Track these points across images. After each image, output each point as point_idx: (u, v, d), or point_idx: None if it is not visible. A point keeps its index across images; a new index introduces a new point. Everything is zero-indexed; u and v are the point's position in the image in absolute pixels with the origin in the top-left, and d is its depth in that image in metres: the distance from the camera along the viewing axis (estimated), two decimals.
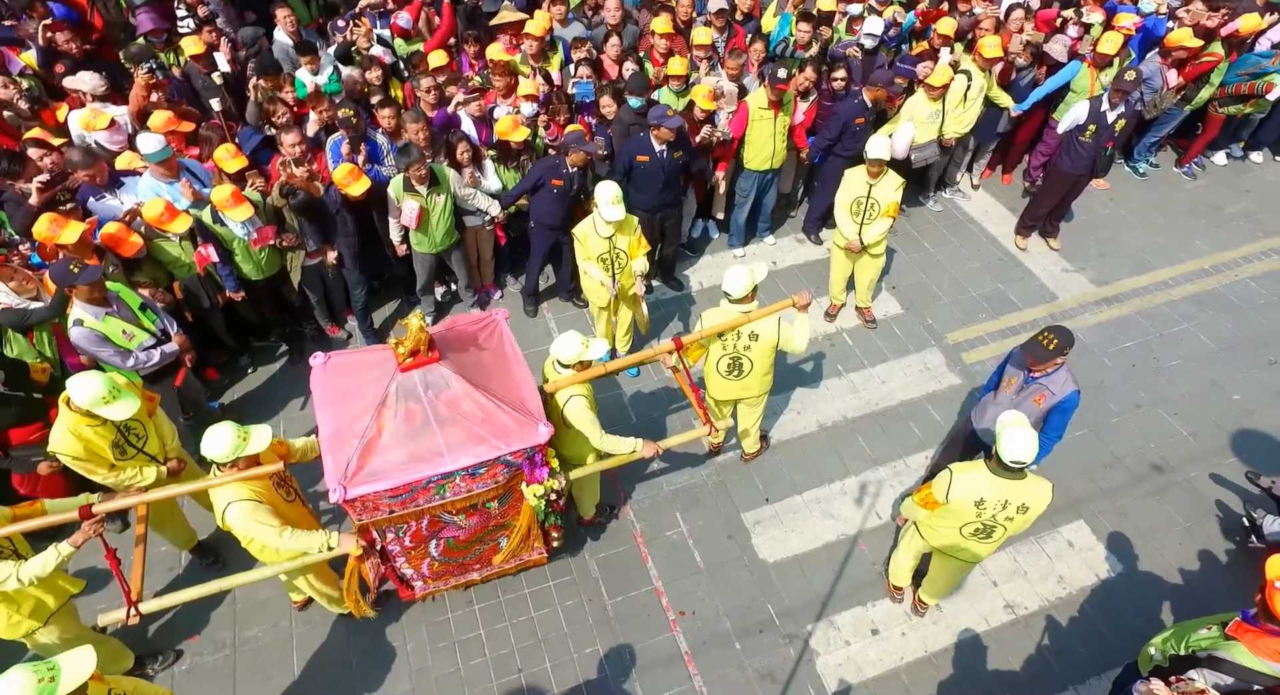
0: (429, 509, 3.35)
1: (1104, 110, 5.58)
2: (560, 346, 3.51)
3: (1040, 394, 3.67)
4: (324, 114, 5.14)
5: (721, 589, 4.30)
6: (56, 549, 3.07)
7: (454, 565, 3.82)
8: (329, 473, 3.11)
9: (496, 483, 3.37)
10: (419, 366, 3.17)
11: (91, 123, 4.83)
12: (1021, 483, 3.23)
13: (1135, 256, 6.50)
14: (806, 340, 4.05)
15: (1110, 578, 4.38)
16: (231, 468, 3.12)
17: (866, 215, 5.06)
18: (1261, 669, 2.84)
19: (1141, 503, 4.73)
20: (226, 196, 4.37)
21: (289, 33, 5.89)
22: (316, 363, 3.50)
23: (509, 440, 3.22)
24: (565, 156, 4.91)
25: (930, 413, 5.23)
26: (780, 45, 6.18)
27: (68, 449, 3.32)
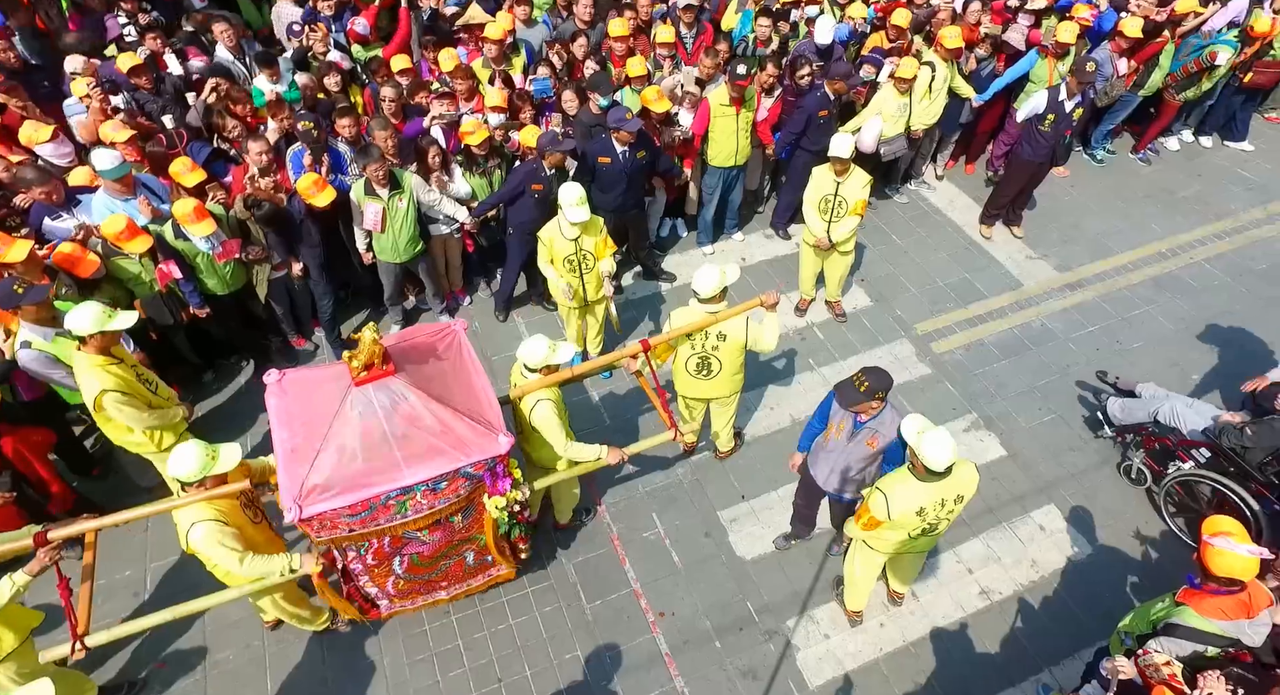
0: (389, 527, 3.28)
1: (1062, 99, 5.68)
2: (526, 350, 3.48)
3: (872, 437, 3.54)
4: (284, 122, 5.04)
5: (700, 588, 4.29)
6: (11, 578, 2.97)
7: (420, 583, 3.76)
8: (284, 491, 3.03)
9: (458, 496, 3.32)
10: (373, 380, 3.10)
11: (32, 137, 4.69)
12: (951, 479, 3.24)
13: (1096, 242, 6.62)
14: (776, 339, 4.05)
15: (1081, 559, 4.46)
16: (197, 487, 3.04)
17: (835, 213, 5.08)
18: (1211, 629, 2.92)
19: (1109, 483, 4.82)
20: (189, 211, 4.26)
21: (229, 47, 5.76)
22: (271, 380, 3.41)
23: (468, 452, 3.17)
24: (543, 159, 4.87)
25: (902, 403, 5.27)
26: (740, 44, 6.19)
27: (111, 386, 3.51)
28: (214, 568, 3.29)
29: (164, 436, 3.91)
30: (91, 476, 4.71)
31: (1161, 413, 4.41)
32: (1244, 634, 2.91)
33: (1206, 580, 2.96)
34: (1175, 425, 4.36)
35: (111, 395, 3.56)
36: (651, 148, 5.27)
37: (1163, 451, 4.53)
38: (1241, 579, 2.88)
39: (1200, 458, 4.25)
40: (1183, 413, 4.31)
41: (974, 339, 5.77)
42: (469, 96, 5.47)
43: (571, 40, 5.92)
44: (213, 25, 5.79)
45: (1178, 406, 4.35)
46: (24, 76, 5.35)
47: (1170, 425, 4.39)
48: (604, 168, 5.11)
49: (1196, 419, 4.27)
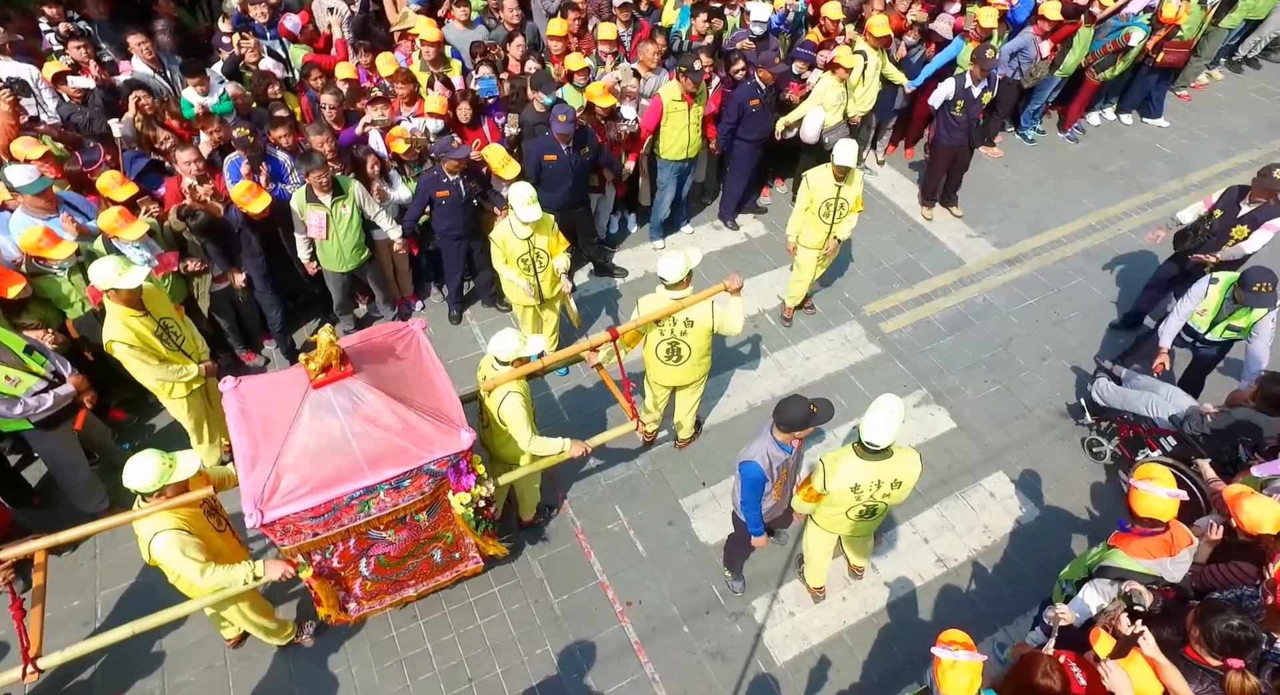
0: (354, 527, 3.27)
1: (968, 86, 5.92)
2: (498, 343, 3.52)
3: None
4: (215, 134, 4.94)
5: (666, 575, 4.35)
6: None
7: (387, 583, 3.74)
8: (245, 497, 3.00)
9: (422, 494, 3.32)
10: (331, 382, 3.10)
11: None
12: (890, 461, 3.35)
13: (1031, 218, 6.88)
14: (741, 322, 4.14)
15: (1029, 522, 4.65)
16: (158, 497, 2.99)
17: (837, 214, 5.05)
18: (1138, 569, 3.12)
19: (1052, 448, 5.03)
20: (114, 217, 4.14)
21: (146, 60, 5.62)
22: (227, 387, 3.38)
23: (431, 449, 3.18)
24: (441, 165, 4.87)
25: (854, 383, 5.42)
26: (675, 39, 6.27)
27: (123, 337, 3.75)
28: (176, 579, 3.23)
29: (175, 387, 4.13)
30: (32, 506, 4.55)
31: (1143, 403, 4.46)
32: (1166, 571, 3.12)
33: (1134, 523, 3.15)
34: (1150, 415, 4.42)
35: (120, 345, 3.79)
36: (594, 144, 5.31)
37: (1135, 439, 4.64)
38: (1162, 519, 3.08)
39: (1167, 446, 4.39)
40: (1160, 404, 4.38)
41: (921, 317, 5.95)
42: (410, 101, 5.43)
43: (509, 41, 5.93)
44: (128, 37, 5.62)
45: (1156, 399, 4.41)
46: None
47: (1146, 415, 4.45)
48: (549, 165, 5.13)
49: (1170, 409, 4.34)
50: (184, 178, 4.60)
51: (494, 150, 5.02)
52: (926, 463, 3.93)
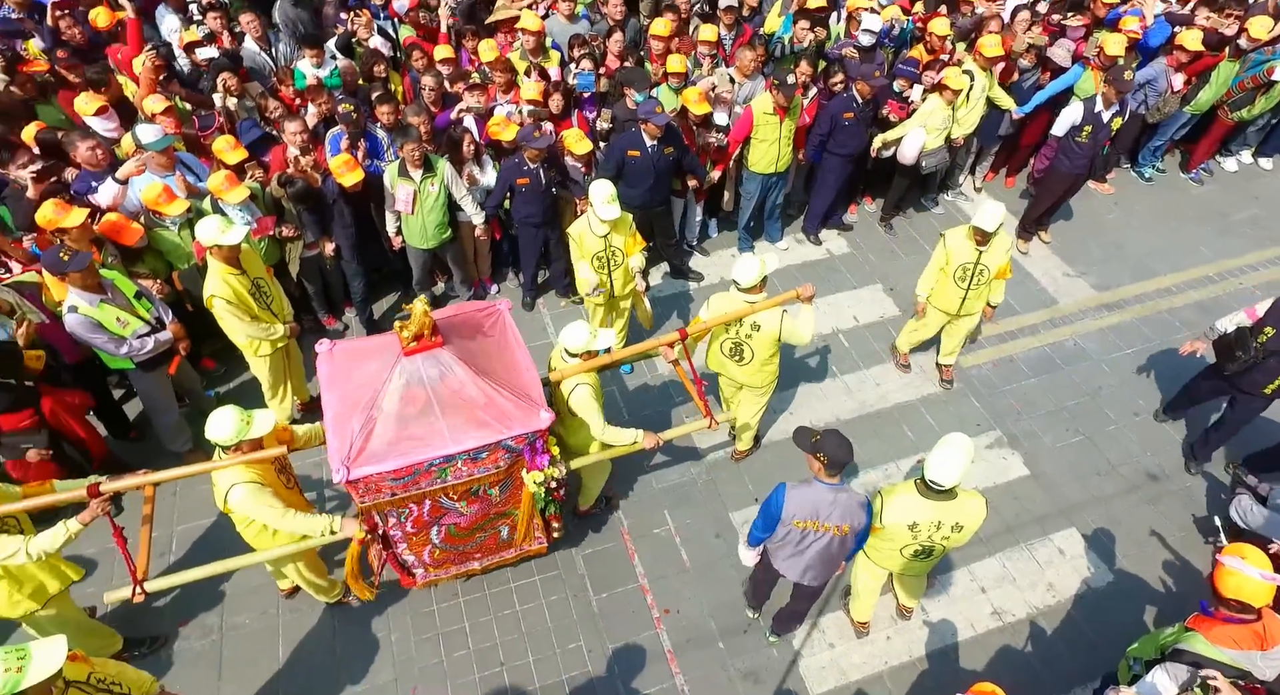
0: (430, 492, 3.38)
1: (1098, 110, 5.53)
2: (568, 336, 3.55)
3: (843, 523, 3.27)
4: (323, 107, 5.17)
5: (707, 588, 4.29)
6: (65, 525, 3.09)
7: (455, 553, 3.86)
8: (333, 454, 3.13)
9: (497, 468, 3.40)
10: (422, 351, 3.20)
11: (83, 108, 4.87)
12: (953, 503, 3.18)
13: (1139, 262, 6.43)
14: (810, 333, 4.04)
15: (1101, 586, 4.35)
16: (235, 451, 3.15)
17: (975, 280, 4.63)
18: (1220, 657, 2.84)
19: (1135, 511, 4.69)
20: (221, 180, 4.41)
21: (254, 38, 5.89)
22: (323, 349, 3.55)
23: (510, 425, 3.25)
24: (523, 153, 4.92)
25: (924, 416, 5.20)
26: (776, 45, 6.15)
27: (222, 293, 4.00)
28: (247, 528, 3.41)
29: (261, 345, 4.36)
30: (129, 439, 4.90)
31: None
32: (1255, 666, 2.82)
33: (1218, 605, 2.89)
34: None
35: (219, 300, 4.03)
36: (680, 145, 5.27)
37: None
38: (1252, 604, 2.80)
39: None
40: None
41: (1003, 355, 5.65)
42: (506, 89, 5.52)
43: (608, 36, 5.95)
44: (240, 16, 5.90)
45: None
46: (84, 53, 5.56)
47: None
48: (633, 161, 5.13)
49: None
50: (289, 147, 4.84)
51: (571, 130, 5.09)
52: (993, 508, 3.72)
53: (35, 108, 5.14)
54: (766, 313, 3.94)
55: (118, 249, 4.35)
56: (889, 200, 6.56)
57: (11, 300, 4.01)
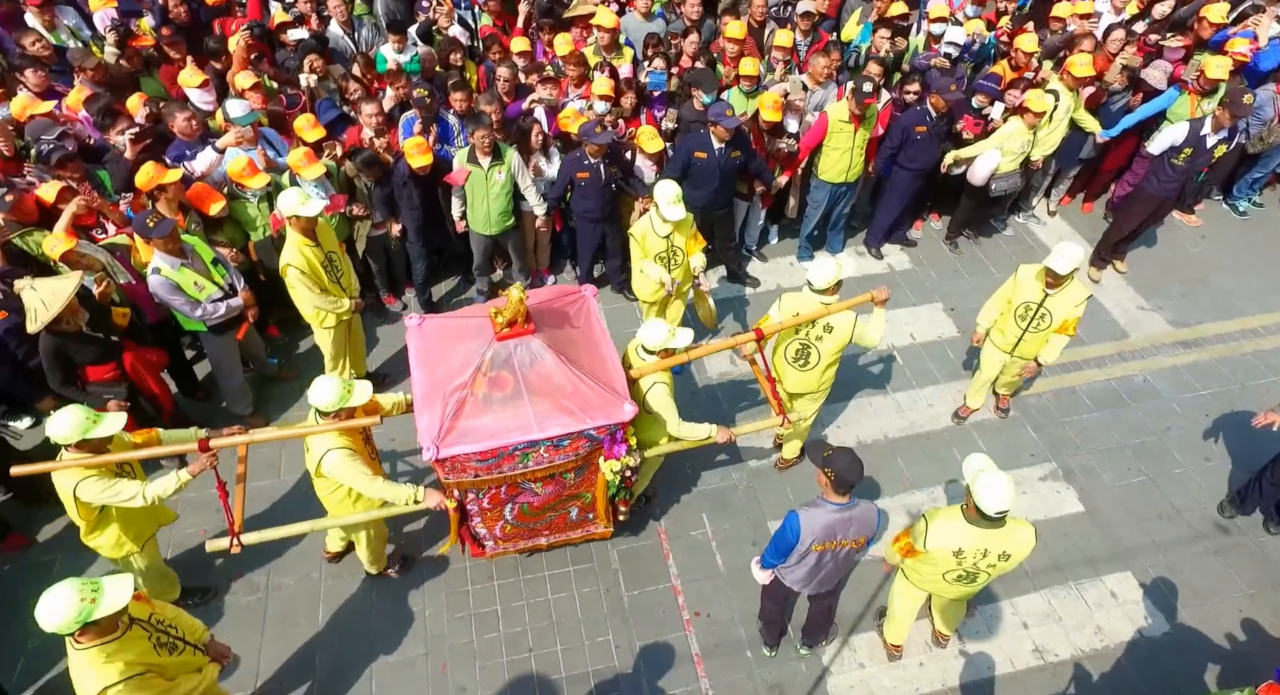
0: (510, 476, 3.46)
1: (1204, 133, 5.25)
2: (647, 333, 3.59)
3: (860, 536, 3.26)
4: (400, 91, 5.31)
5: (740, 594, 4.25)
6: (177, 474, 3.27)
7: (525, 530, 3.96)
8: (422, 431, 3.24)
9: (577, 455, 3.48)
10: (515, 337, 3.28)
11: (187, 80, 5.13)
12: (1002, 531, 3.07)
13: (1224, 300, 6.09)
14: (881, 335, 4.01)
15: (1155, 635, 4.14)
16: (333, 417, 3.27)
17: (1034, 324, 4.37)
18: None
19: (1200, 561, 4.45)
20: (301, 156, 4.60)
21: (340, 22, 6.08)
22: (412, 323, 3.65)
23: (595, 415, 3.32)
24: (584, 148, 4.96)
25: (976, 441, 5.05)
26: (853, 54, 6.04)
27: (297, 263, 4.17)
28: (331, 494, 3.57)
29: (327, 317, 4.51)
30: (196, 398, 5.14)
31: None
32: None
33: None
34: None
35: (294, 270, 4.17)
36: (747, 149, 5.23)
37: None
38: None
39: None
40: None
41: (1065, 385, 5.43)
42: (579, 83, 5.58)
43: (683, 36, 5.95)
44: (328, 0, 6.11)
45: None
46: (189, 30, 5.85)
47: None
48: (699, 163, 5.12)
49: None
50: (364, 128, 4.99)
51: (645, 128, 5.12)
52: (1042, 542, 3.59)
53: (140, 80, 5.43)
54: (840, 315, 3.94)
55: (200, 217, 4.57)
56: (956, 218, 6.38)
57: (104, 260, 4.25)
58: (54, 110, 4.91)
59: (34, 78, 5.09)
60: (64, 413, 3.04)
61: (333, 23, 6.13)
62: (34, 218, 4.30)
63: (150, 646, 2.71)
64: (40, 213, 4.31)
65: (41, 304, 3.68)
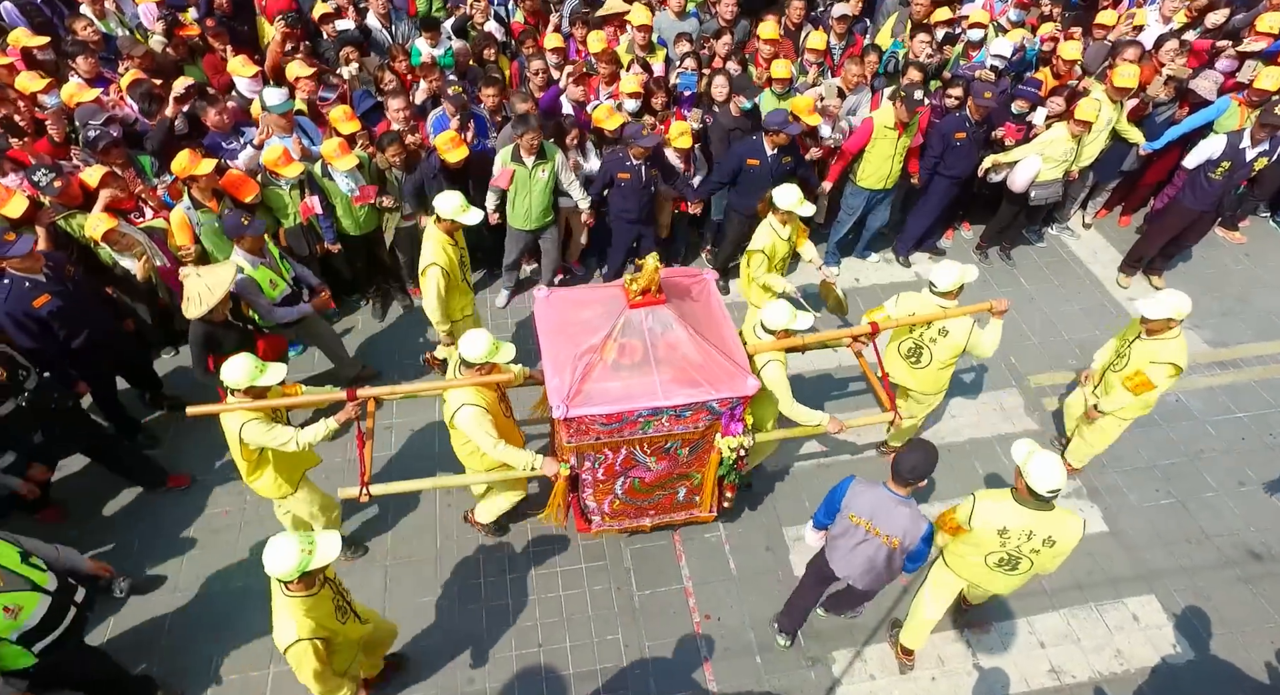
0: (630, 441, 3.55)
1: (1243, 146, 5.10)
2: (769, 312, 3.66)
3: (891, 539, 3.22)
4: (434, 83, 5.37)
5: (751, 599, 4.23)
6: (325, 422, 3.46)
7: (633, 507, 4.05)
8: (553, 392, 3.36)
9: (696, 428, 3.55)
10: (647, 305, 3.39)
11: (238, 69, 5.25)
12: (1050, 514, 3.08)
13: (1266, 320, 5.91)
14: (995, 346, 4.03)
15: (1179, 663, 4.03)
16: (475, 371, 3.41)
17: (1114, 366, 4.21)
18: None
19: (1229, 588, 4.32)
20: (334, 147, 4.68)
21: (379, 14, 6.15)
22: (540, 295, 3.78)
23: (719, 387, 3.40)
24: (628, 149, 4.95)
25: (998, 454, 4.96)
26: (890, 60, 5.96)
27: (441, 261, 4.24)
28: (463, 446, 3.73)
29: (454, 313, 4.62)
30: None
31: None
32: None
33: None
34: None
35: (437, 269, 4.26)
36: (797, 154, 5.22)
37: None
38: None
39: None
40: None
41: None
42: (610, 81, 5.59)
43: (716, 37, 5.92)
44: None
45: None
46: (228, 22, 5.98)
47: None
48: (751, 169, 5.09)
49: None
50: (392, 123, 5.05)
51: (679, 123, 5.11)
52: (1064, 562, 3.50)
53: (184, 68, 5.56)
54: (957, 320, 3.96)
55: (234, 202, 4.67)
56: (991, 227, 6.27)
57: (142, 242, 4.37)
58: (101, 96, 5.05)
59: (84, 64, 5.24)
60: (236, 360, 3.27)
61: (370, 15, 6.21)
62: (79, 201, 4.44)
63: (332, 609, 2.93)
64: (84, 196, 4.44)
65: (205, 290, 3.88)
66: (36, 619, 2.96)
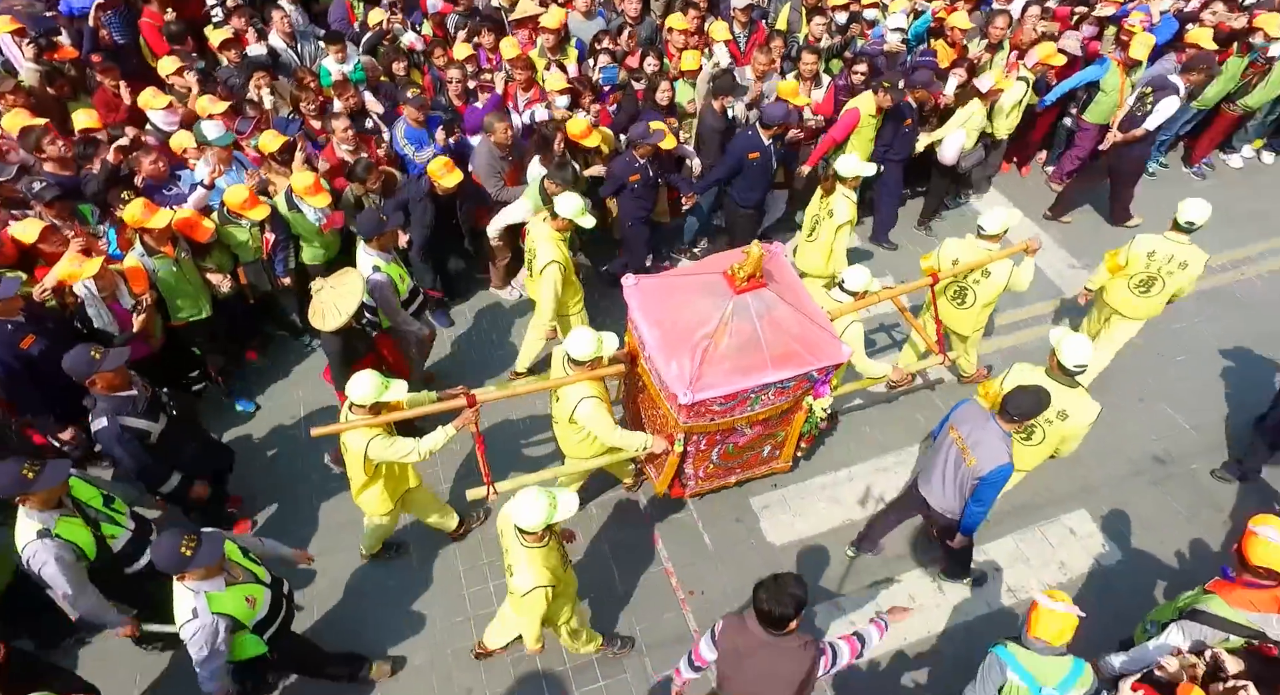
0: (737, 420, 3.77)
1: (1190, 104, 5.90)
2: (851, 276, 4.13)
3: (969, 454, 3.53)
4: (349, 101, 5.26)
5: (729, 570, 4.42)
6: (444, 429, 3.54)
7: (723, 468, 4.29)
8: (673, 380, 3.52)
9: (794, 397, 3.81)
10: (752, 289, 3.60)
11: (150, 102, 5.00)
12: (1071, 391, 3.66)
13: None
14: (1029, 281, 4.52)
15: (1110, 565, 4.49)
16: (586, 367, 3.61)
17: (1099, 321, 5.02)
18: (1239, 619, 3.00)
19: (1143, 493, 4.83)
20: (310, 183, 4.57)
21: (283, 34, 5.96)
22: (629, 283, 3.91)
23: (820, 356, 3.64)
24: (634, 151, 5.05)
25: (934, 401, 5.34)
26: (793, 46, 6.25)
27: (560, 258, 4.39)
28: (573, 435, 3.88)
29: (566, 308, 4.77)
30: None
31: None
32: (1271, 628, 2.98)
33: (1242, 572, 3.05)
34: None
35: (557, 266, 4.39)
36: (784, 139, 5.47)
37: None
38: (1277, 570, 2.96)
39: None
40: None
41: (1012, 344, 5.79)
42: (527, 86, 5.62)
43: (618, 33, 6.05)
44: (272, 11, 5.99)
45: None
46: (115, 55, 5.65)
47: None
48: (753, 163, 5.20)
49: None
50: (339, 144, 4.94)
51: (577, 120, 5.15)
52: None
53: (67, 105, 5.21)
54: (999, 263, 4.40)
55: (188, 243, 4.46)
56: (929, 202, 6.67)
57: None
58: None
59: None
60: (362, 377, 3.35)
61: (273, 35, 5.98)
62: (12, 260, 4.14)
63: (559, 560, 3.19)
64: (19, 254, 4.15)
65: (339, 299, 3.85)
66: (267, 609, 3.13)
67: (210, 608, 2.87)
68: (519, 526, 2.91)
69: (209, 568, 2.84)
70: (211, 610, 2.87)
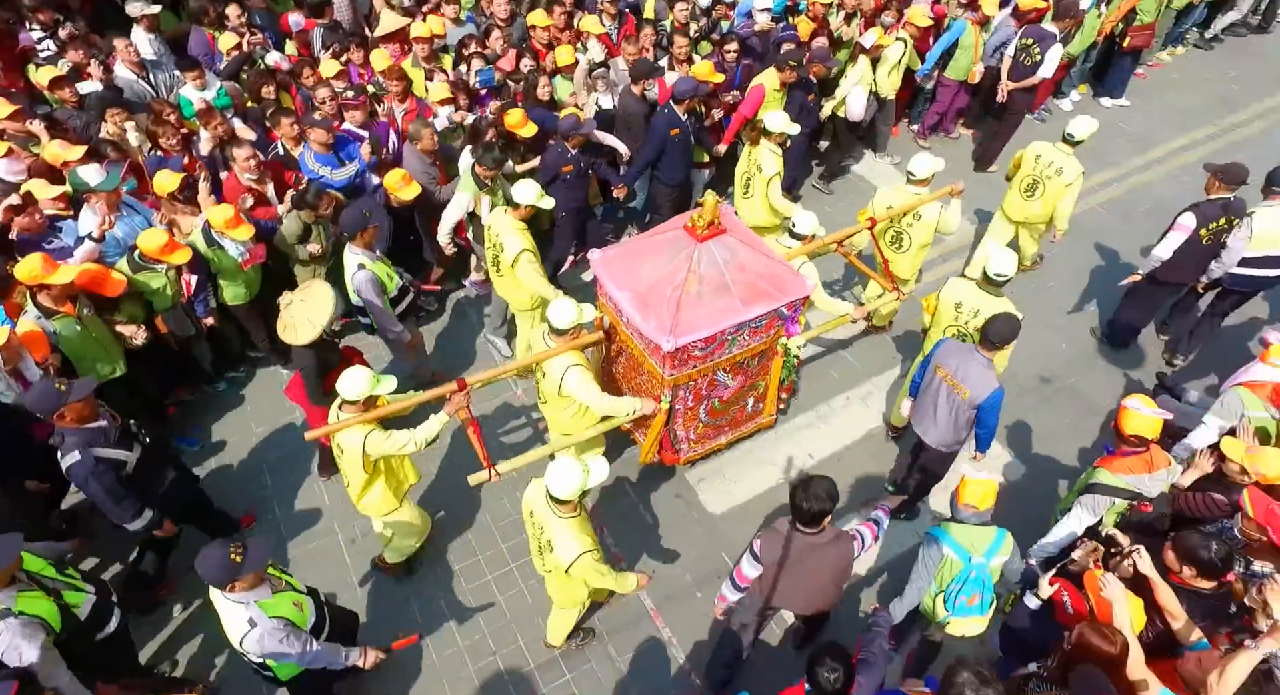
0: (716, 364, 3.92)
1: None
2: (801, 221, 4.38)
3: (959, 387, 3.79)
4: (218, 129, 4.98)
5: (677, 545, 4.52)
6: (437, 417, 3.54)
7: (712, 428, 4.45)
8: (652, 332, 3.66)
9: (768, 336, 4.01)
10: (713, 237, 3.79)
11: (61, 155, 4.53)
12: (997, 300, 4.01)
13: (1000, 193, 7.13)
14: (958, 223, 4.87)
15: (1017, 478, 4.92)
16: (566, 338, 3.71)
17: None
18: (1120, 483, 3.48)
19: (1037, 409, 5.31)
20: (230, 216, 4.31)
21: (130, 64, 5.58)
22: (595, 257, 4.03)
23: (786, 291, 3.85)
24: (566, 142, 5.07)
25: (845, 357, 5.64)
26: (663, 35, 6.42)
27: (529, 245, 4.40)
28: (565, 409, 3.91)
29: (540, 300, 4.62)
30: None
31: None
32: (1144, 487, 3.47)
33: (1120, 443, 3.50)
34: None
35: (528, 253, 4.38)
36: (701, 118, 5.67)
37: None
38: (1145, 437, 3.41)
39: None
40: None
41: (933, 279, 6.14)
42: (402, 97, 5.51)
43: (486, 35, 6.04)
44: (115, 41, 5.58)
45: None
46: None
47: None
48: (675, 140, 5.36)
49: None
50: (242, 173, 4.68)
51: (513, 111, 5.19)
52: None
53: None
54: (928, 206, 4.69)
55: (91, 298, 4.08)
56: (833, 160, 7.07)
57: None
58: None
59: None
60: (354, 373, 3.36)
61: (119, 66, 5.57)
62: None
63: (591, 527, 3.24)
64: None
65: (307, 319, 3.74)
66: (314, 616, 3.15)
67: (267, 614, 2.82)
68: (554, 496, 2.97)
69: (256, 574, 2.80)
70: (269, 616, 2.82)
